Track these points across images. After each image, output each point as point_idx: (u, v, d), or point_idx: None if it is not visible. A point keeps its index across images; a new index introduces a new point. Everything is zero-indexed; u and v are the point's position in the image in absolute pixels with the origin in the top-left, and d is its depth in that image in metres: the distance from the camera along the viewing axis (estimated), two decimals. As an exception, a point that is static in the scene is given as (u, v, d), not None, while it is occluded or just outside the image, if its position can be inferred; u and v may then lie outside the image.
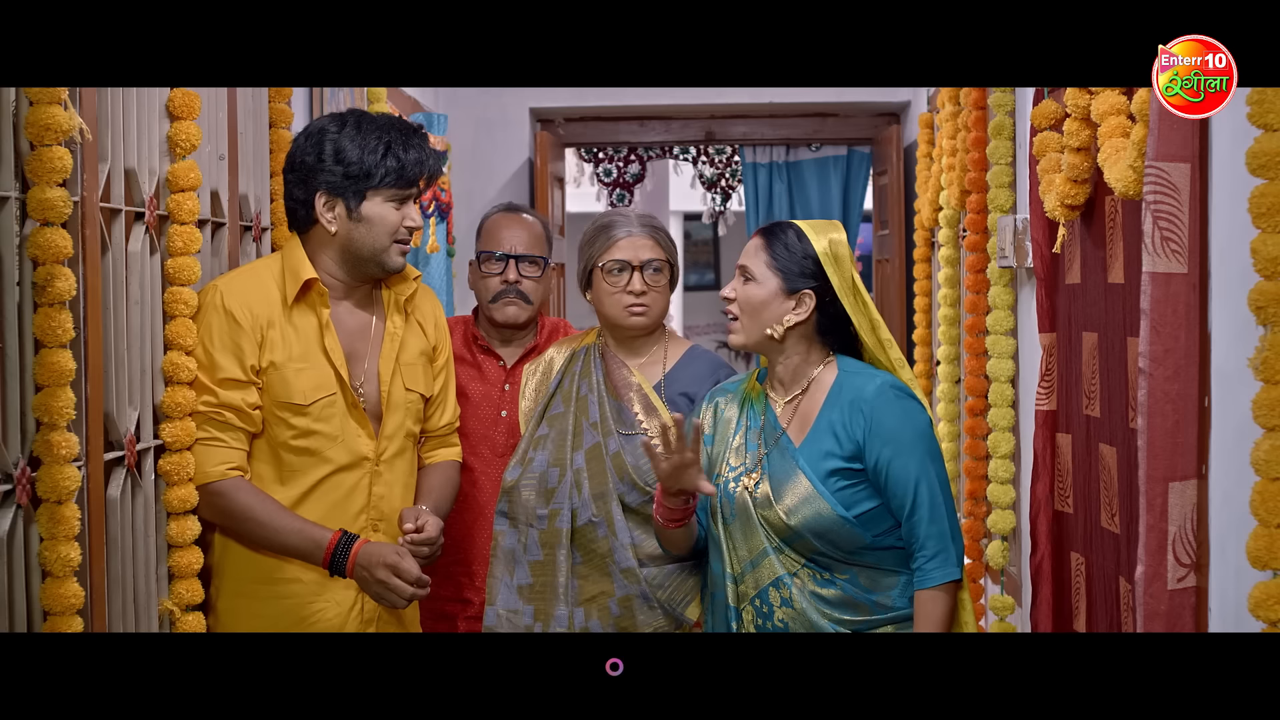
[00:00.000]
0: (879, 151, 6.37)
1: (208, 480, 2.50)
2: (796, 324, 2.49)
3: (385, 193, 2.58)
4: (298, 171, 2.60)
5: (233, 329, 2.51)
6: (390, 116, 2.66)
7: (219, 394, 2.50)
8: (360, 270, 2.62)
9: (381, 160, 2.56)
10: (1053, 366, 3.20)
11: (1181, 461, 2.27)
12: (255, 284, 2.58)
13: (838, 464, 2.44)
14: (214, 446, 2.50)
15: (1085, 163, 2.80)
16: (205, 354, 2.51)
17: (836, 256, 2.49)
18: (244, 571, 2.58)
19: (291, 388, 2.54)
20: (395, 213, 2.59)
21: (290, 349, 2.55)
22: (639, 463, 2.65)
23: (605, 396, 2.73)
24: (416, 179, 2.61)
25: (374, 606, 2.61)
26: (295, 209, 2.61)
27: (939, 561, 2.42)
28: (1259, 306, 1.85)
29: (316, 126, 2.62)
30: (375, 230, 2.58)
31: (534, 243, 3.18)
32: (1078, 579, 3.08)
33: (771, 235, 2.53)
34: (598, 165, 7.73)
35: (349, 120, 2.60)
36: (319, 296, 2.57)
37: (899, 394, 2.46)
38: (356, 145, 2.56)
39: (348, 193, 2.56)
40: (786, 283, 2.49)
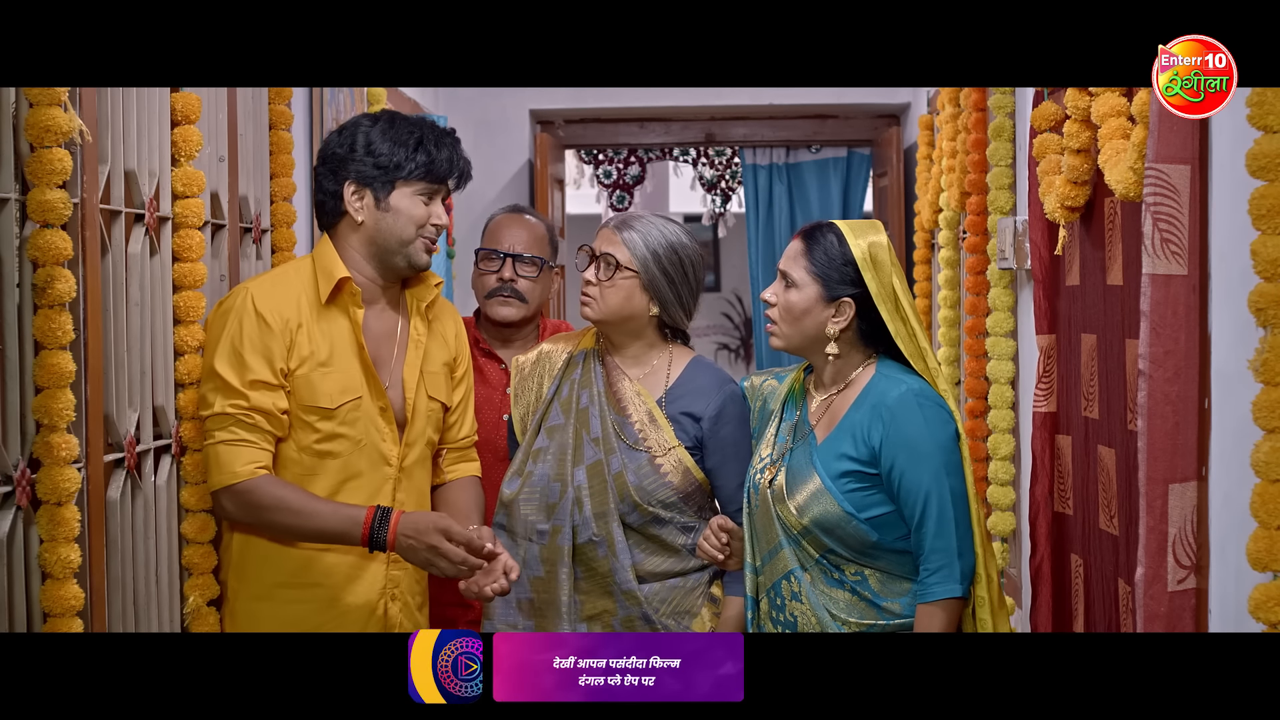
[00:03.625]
0: (879, 153, 6.37)
1: (236, 480, 2.48)
2: (840, 330, 2.48)
3: (414, 185, 2.58)
4: (329, 163, 2.61)
5: (263, 331, 2.50)
6: (425, 118, 2.67)
7: (250, 397, 2.48)
8: (387, 264, 2.62)
9: (413, 153, 2.57)
10: (1052, 368, 3.20)
11: (1181, 463, 2.27)
12: (284, 287, 2.57)
13: (852, 466, 2.43)
14: (242, 447, 2.48)
15: (1085, 164, 2.80)
16: (235, 355, 2.49)
17: (875, 261, 2.46)
18: (265, 575, 2.56)
19: (318, 391, 2.53)
20: (423, 207, 2.60)
21: (318, 352, 2.54)
22: (641, 482, 2.60)
23: (607, 409, 2.67)
24: (446, 176, 2.62)
25: (396, 612, 2.60)
26: (325, 201, 2.62)
27: (941, 576, 2.39)
28: (1259, 308, 1.85)
29: (350, 122, 2.64)
30: (401, 221, 2.59)
31: (533, 243, 3.18)
32: (1077, 581, 3.08)
33: (812, 239, 2.51)
34: (598, 167, 7.73)
35: (383, 116, 2.63)
36: (351, 297, 2.57)
37: (924, 402, 2.42)
38: (388, 138, 2.58)
39: (376, 183, 2.57)
40: (827, 290, 2.47)
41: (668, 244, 2.65)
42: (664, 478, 2.60)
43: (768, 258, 6.94)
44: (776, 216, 6.99)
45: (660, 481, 2.60)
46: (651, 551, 2.61)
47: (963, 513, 2.41)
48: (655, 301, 2.66)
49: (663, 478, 2.60)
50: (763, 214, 7.01)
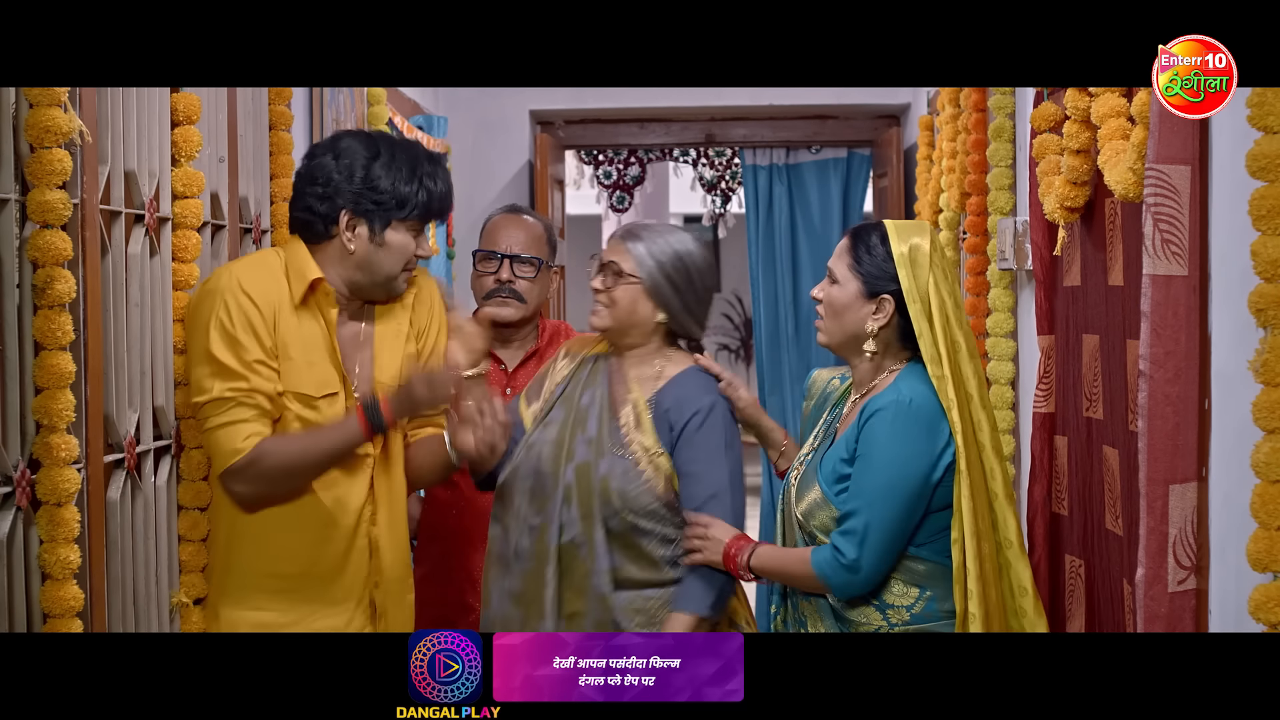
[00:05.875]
0: (879, 154, 6.37)
1: (238, 456, 2.45)
2: (879, 329, 2.49)
3: (410, 223, 2.59)
4: (324, 186, 2.57)
5: (252, 313, 2.48)
6: (415, 144, 2.66)
7: (250, 378, 2.46)
8: (366, 291, 2.62)
9: (416, 192, 2.57)
10: (1051, 369, 3.20)
11: (1182, 464, 2.27)
12: (267, 273, 2.55)
13: (846, 470, 2.44)
14: (240, 425, 2.46)
15: (1085, 165, 2.80)
16: (228, 336, 2.46)
17: (913, 260, 2.46)
18: (257, 564, 2.55)
19: (304, 379, 2.54)
20: (413, 241, 2.61)
21: (297, 344, 2.55)
22: (625, 486, 2.57)
23: (605, 411, 2.68)
24: (441, 213, 2.64)
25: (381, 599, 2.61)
26: (313, 221, 2.58)
27: (842, 540, 2.39)
28: (1259, 309, 1.85)
29: (345, 146, 2.59)
30: (393, 256, 2.58)
31: (530, 243, 3.18)
32: (1073, 581, 3.08)
33: (857, 237, 2.53)
34: (598, 167, 7.73)
35: (381, 147, 2.59)
36: (324, 297, 2.57)
37: (899, 418, 2.40)
38: (390, 174, 2.56)
39: (375, 217, 2.56)
40: (867, 286, 2.49)
41: (673, 252, 2.66)
42: (645, 483, 2.57)
43: (768, 258, 6.93)
44: (776, 217, 6.98)
45: (642, 487, 2.57)
46: (631, 559, 2.59)
47: (882, 529, 2.38)
48: (661, 309, 2.67)
49: (644, 483, 2.57)
50: (763, 215, 7.00)
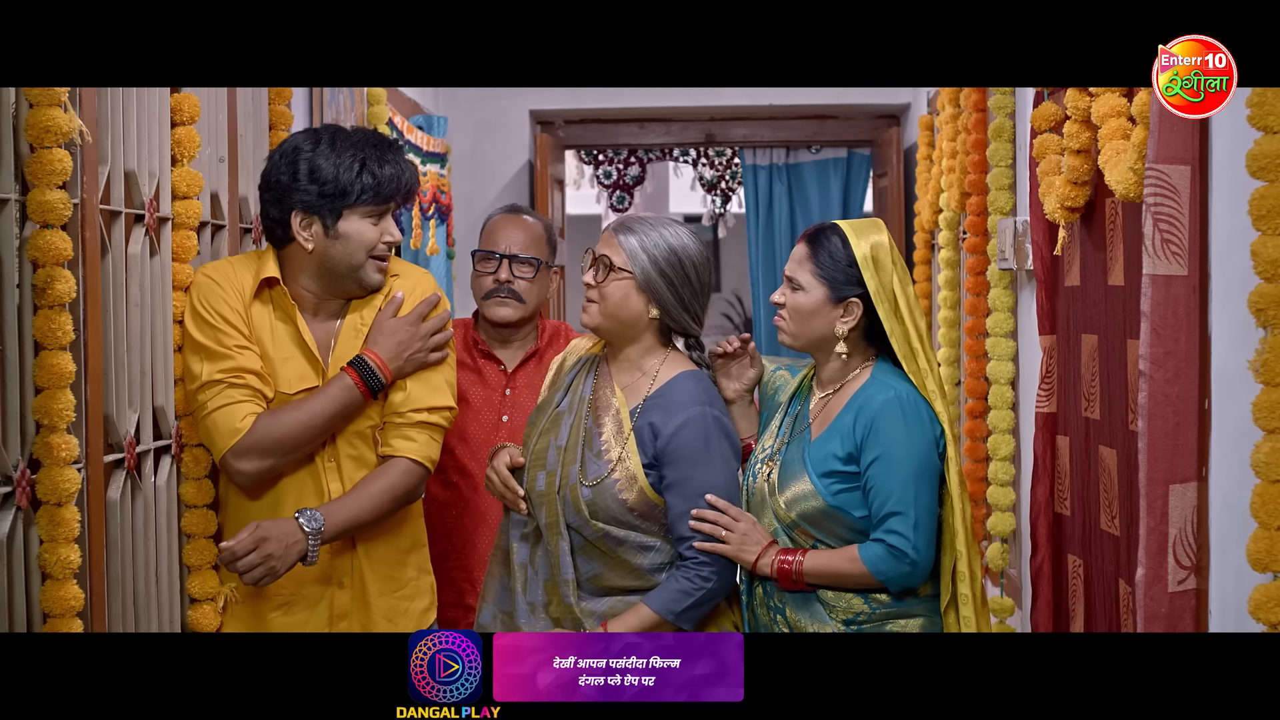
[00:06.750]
0: (879, 154, 6.38)
1: (238, 435, 2.48)
2: (849, 330, 2.50)
3: (362, 209, 2.56)
4: (273, 190, 2.57)
5: (220, 301, 2.53)
6: (366, 131, 2.64)
7: (235, 357, 2.49)
8: (338, 287, 2.61)
9: (357, 177, 2.54)
10: (1052, 369, 3.20)
11: (1182, 464, 2.27)
12: (237, 267, 2.60)
13: (838, 465, 2.46)
14: (236, 405, 2.49)
15: (1085, 165, 2.80)
16: (205, 323, 2.50)
17: (876, 261, 2.48)
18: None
19: (278, 375, 2.55)
20: (373, 229, 2.58)
21: (268, 341, 2.56)
22: (595, 497, 2.51)
23: (585, 417, 2.60)
24: (393, 195, 2.59)
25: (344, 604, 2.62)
26: (272, 228, 2.59)
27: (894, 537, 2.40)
28: (1259, 309, 1.85)
29: (290, 145, 2.59)
30: (352, 247, 2.57)
31: (530, 243, 3.18)
32: (1075, 581, 3.08)
33: (816, 242, 2.53)
34: (598, 167, 7.73)
35: (323, 137, 2.58)
36: (282, 296, 2.58)
37: (906, 409, 2.44)
38: (331, 163, 2.54)
39: (324, 211, 2.55)
40: (833, 291, 2.50)
41: (666, 245, 2.58)
42: (619, 494, 2.50)
43: (768, 258, 6.94)
44: (776, 217, 6.99)
45: (615, 498, 2.50)
46: (609, 566, 2.55)
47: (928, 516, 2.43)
48: (654, 304, 2.60)
49: (617, 494, 2.50)
50: (763, 214, 7.01)
